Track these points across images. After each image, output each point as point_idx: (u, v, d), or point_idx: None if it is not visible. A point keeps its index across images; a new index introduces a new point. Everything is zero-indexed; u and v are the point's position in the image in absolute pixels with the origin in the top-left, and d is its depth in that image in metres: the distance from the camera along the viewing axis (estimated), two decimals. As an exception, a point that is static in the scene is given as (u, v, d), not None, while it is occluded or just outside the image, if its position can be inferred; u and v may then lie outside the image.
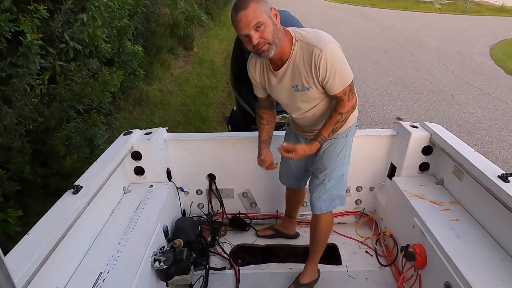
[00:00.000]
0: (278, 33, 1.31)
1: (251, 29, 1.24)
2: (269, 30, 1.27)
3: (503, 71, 7.23)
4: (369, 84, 6.31)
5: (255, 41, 1.27)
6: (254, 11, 1.22)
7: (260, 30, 1.25)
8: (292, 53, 1.38)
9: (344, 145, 1.63)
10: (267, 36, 1.27)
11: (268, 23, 1.26)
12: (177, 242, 1.81)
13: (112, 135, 3.59)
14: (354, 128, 1.69)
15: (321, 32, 1.41)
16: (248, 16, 1.22)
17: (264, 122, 1.74)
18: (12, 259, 1.13)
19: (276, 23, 1.29)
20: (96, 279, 1.37)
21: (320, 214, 1.73)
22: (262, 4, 1.25)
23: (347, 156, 1.68)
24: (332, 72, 1.34)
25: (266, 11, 1.26)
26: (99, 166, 1.69)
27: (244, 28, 1.25)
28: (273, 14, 1.29)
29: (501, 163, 3.79)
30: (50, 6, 2.72)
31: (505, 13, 16.89)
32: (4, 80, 2.38)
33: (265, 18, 1.25)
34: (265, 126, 1.74)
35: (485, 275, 1.34)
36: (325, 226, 1.77)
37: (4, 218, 2.13)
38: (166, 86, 5.43)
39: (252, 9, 1.22)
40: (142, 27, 4.98)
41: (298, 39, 1.37)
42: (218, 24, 9.65)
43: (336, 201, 1.72)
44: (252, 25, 1.24)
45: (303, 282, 1.85)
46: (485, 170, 1.53)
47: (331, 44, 1.34)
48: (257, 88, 1.64)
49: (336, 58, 1.34)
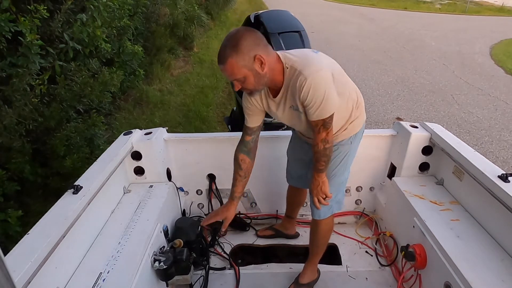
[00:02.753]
0: (263, 79, 1.29)
1: (232, 80, 1.29)
2: (250, 81, 1.28)
3: (503, 71, 7.24)
4: (369, 84, 6.32)
5: (236, 88, 1.32)
6: (232, 68, 1.23)
7: (241, 82, 1.28)
8: (285, 80, 1.36)
9: (347, 152, 1.61)
10: (247, 87, 1.31)
11: (248, 76, 1.25)
12: (177, 242, 1.81)
13: (112, 135, 3.59)
14: (361, 134, 1.64)
15: (312, 57, 1.36)
16: (226, 71, 1.25)
17: (242, 174, 1.65)
18: (12, 259, 1.13)
19: (259, 71, 1.26)
20: (96, 279, 1.37)
21: (320, 220, 1.73)
22: (242, 57, 1.21)
23: (349, 163, 1.65)
24: (310, 101, 1.30)
25: (245, 64, 1.23)
26: (99, 166, 1.69)
27: (226, 76, 1.30)
28: (257, 61, 1.24)
29: (501, 163, 3.79)
30: (50, 6, 2.73)
31: (505, 13, 16.89)
32: (4, 80, 2.38)
33: (243, 73, 1.24)
34: (242, 179, 1.66)
35: (485, 275, 1.34)
36: (325, 231, 1.77)
37: (4, 218, 2.13)
38: (166, 86, 5.43)
39: (230, 66, 1.22)
40: (142, 27, 4.98)
41: (288, 65, 1.34)
42: (218, 24, 9.66)
43: (334, 207, 1.72)
44: (232, 79, 1.28)
45: (303, 282, 1.85)
46: (485, 170, 1.53)
47: (318, 73, 1.28)
48: (251, 115, 1.55)
49: (318, 89, 1.28)
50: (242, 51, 1.21)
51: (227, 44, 1.23)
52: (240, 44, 1.21)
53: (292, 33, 2.36)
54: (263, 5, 15.21)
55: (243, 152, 1.64)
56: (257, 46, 1.24)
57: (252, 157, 1.66)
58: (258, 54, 1.23)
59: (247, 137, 1.62)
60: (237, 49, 1.21)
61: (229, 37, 1.24)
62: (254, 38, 1.24)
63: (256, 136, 1.63)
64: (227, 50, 1.22)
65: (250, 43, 1.22)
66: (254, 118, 1.56)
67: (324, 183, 1.55)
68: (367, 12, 16.04)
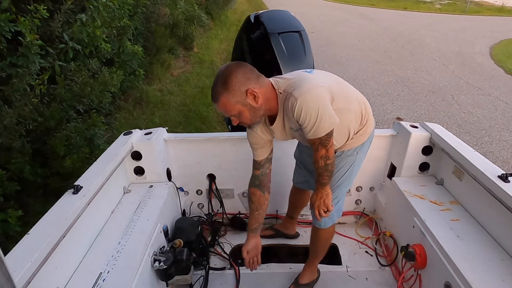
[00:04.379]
0: (258, 112, 1.30)
1: (228, 116, 1.30)
2: (245, 116, 1.29)
3: (503, 71, 7.23)
4: (369, 84, 6.32)
5: (234, 123, 1.32)
6: (225, 106, 1.24)
7: (237, 117, 1.30)
8: (279, 105, 1.35)
9: (352, 162, 1.58)
10: (244, 121, 1.32)
11: (242, 111, 1.26)
12: (177, 242, 1.81)
13: (112, 135, 3.59)
14: (368, 144, 1.60)
15: (304, 77, 1.33)
16: (221, 109, 1.27)
17: (254, 207, 1.64)
18: (12, 259, 1.13)
19: (253, 105, 1.26)
20: (96, 279, 1.37)
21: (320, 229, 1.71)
22: (233, 95, 1.22)
23: (354, 174, 1.63)
24: (304, 121, 1.27)
25: (238, 100, 1.23)
26: (99, 166, 1.69)
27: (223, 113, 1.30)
28: (250, 96, 1.24)
29: (501, 163, 3.79)
30: (50, 6, 2.73)
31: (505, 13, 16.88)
32: (4, 80, 2.38)
33: (237, 109, 1.25)
34: (254, 212, 1.65)
35: (485, 275, 1.34)
36: (325, 238, 1.77)
37: (4, 218, 2.13)
38: (166, 86, 5.43)
39: (222, 104, 1.24)
40: (142, 27, 4.98)
41: (281, 90, 1.32)
42: (218, 24, 9.65)
43: (335, 216, 1.71)
44: (227, 115, 1.29)
45: (303, 282, 1.85)
46: (485, 170, 1.53)
47: (309, 92, 1.26)
48: (258, 149, 1.54)
49: (310, 108, 1.24)
50: (233, 88, 1.21)
51: (217, 82, 1.23)
52: (230, 81, 1.21)
53: (292, 33, 2.36)
54: (263, 5, 15.21)
55: (254, 186, 1.63)
56: (248, 80, 1.23)
57: (264, 190, 1.63)
58: (249, 88, 1.23)
59: (256, 172, 1.61)
60: (227, 86, 1.21)
61: (219, 75, 1.24)
62: (244, 72, 1.23)
63: (266, 169, 1.61)
64: (218, 89, 1.22)
65: (241, 79, 1.22)
66: (260, 152, 1.55)
67: (328, 196, 1.50)
68: (367, 12, 16.03)
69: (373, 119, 1.57)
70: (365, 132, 1.54)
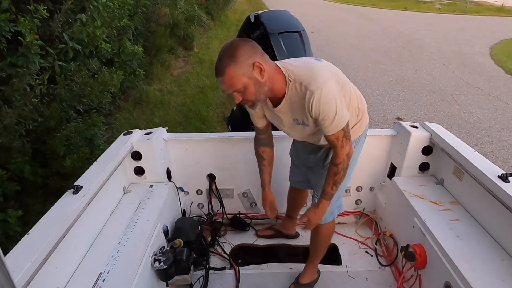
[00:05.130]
0: (263, 88, 1.26)
1: (232, 92, 1.25)
2: (250, 91, 1.24)
3: (503, 71, 7.23)
4: (369, 84, 6.32)
5: (237, 100, 1.28)
6: (231, 78, 1.20)
7: (241, 93, 1.25)
8: (287, 91, 1.32)
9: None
10: (248, 97, 1.27)
11: (248, 85, 1.22)
12: (177, 242, 1.81)
13: (112, 135, 3.59)
14: (363, 138, 1.63)
15: (315, 66, 1.32)
16: (226, 83, 1.22)
17: (266, 163, 1.71)
18: (12, 259, 1.13)
19: (259, 79, 1.23)
20: (96, 279, 1.37)
21: (321, 224, 1.71)
22: (240, 67, 1.19)
23: (351, 169, 1.61)
24: (324, 115, 1.27)
25: (245, 72, 1.20)
26: (99, 166, 1.69)
27: (226, 89, 1.26)
28: (256, 69, 1.21)
29: (501, 163, 3.79)
30: (50, 6, 2.72)
31: (505, 13, 16.88)
32: (4, 80, 2.38)
33: (243, 83, 1.21)
34: (267, 168, 1.72)
35: (485, 275, 1.34)
36: (326, 234, 1.77)
37: (4, 218, 2.13)
38: (166, 86, 5.43)
39: (228, 76, 1.19)
40: (142, 27, 4.98)
41: (292, 79, 1.30)
42: (218, 24, 9.65)
43: (335, 211, 1.72)
44: (231, 91, 1.24)
45: (303, 282, 1.85)
46: (485, 170, 1.53)
47: (325, 85, 1.25)
48: (256, 118, 1.58)
49: (328, 101, 1.25)
50: (240, 60, 1.19)
51: (223, 55, 1.20)
52: (237, 53, 1.19)
53: (292, 33, 2.35)
54: (263, 5, 15.21)
55: (261, 145, 1.68)
56: (254, 53, 1.22)
57: (271, 146, 1.71)
58: (256, 61, 1.21)
59: (260, 136, 1.67)
60: (234, 58, 1.18)
61: (224, 49, 1.22)
62: (250, 46, 1.22)
63: (269, 132, 1.66)
64: (224, 61, 1.19)
65: (247, 51, 1.20)
66: (259, 120, 1.59)
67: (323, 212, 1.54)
68: (367, 12, 16.03)
69: (367, 114, 1.60)
70: (361, 126, 1.56)
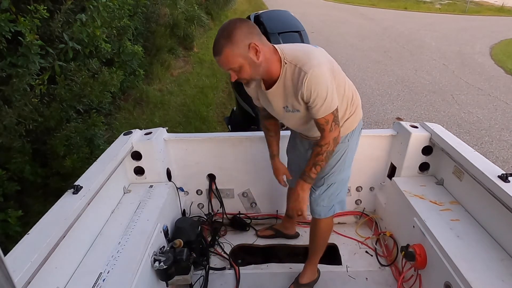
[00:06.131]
0: (258, 68, 1.29)
1: (228, 70, 1.29)
2: (245, 71, 1.27)
3: (503, 71, 7.23)
4: (369, 84, 6.32)
5: (232, 79, 1.31)
6: (227, 58, 1.23)
7: (237, 72, 1.28)
8: (281, 74, 1.34)
9: (345, 150, 1.59)
10: (243, 76, 1.30)
11: (243, 65, 1.25)
12: (177, 242, 1.81)
13: (112, 135, 3.59)
14: (358, 132, 1.64)
15: (312, 51, 1.35)
16: (222, 62, 1.25)
17: (272, 133, 1.75)
18: (12, 259, 1.13)
19: (255, 60, 1.25)
20: (96, 279, 1.37)
21: (319, 219, 1.73)
22: (237, 47, 1.21)
23: (347, 162, 1.64)
24: (315, 96, 1.29)
25: (241, 53, 1.23)
26: (99, 166, 1.69)
27: (222, 67, 1.29)
28: (252, 50, 1.24)
29: (501, 163, 3.79)
30: (50, 6, 2.72)
31: (505, 13, 16.88)
32: (4, 80, 2.38)
33: (239, 62, 1.24)
34: (274, 138, 1.76)
35: (485, 275, 1.34)
36: (324, 230, 1.77)
37: (4, 218, 2.13)
38: (166, 86, 5.43)
39: (225, 56, 1.23)
40: (142, 27, 4.98)
41: (287, 61, 1.32)
42: (218, 24, 9.65)
43: (336, 207, 1.72)
44: (228, 69, 1.27)
45: (303, 282, 1.85)
46: (485, 170, 1.53)
47: (318, 67, 1.28)
48: (255, 100, 1.61)
49: (322, 83, 1.28)
50: (237, 41, 1.21)
51: (221, 35, 1.23)
52: (234, 33, 1.21)
53: (292, 33, 2.36)
54: (263, 5, 15.21)
55: (266, 119, 1.70)
56: (250, 34, 1.24)
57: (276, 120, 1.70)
58: (252, 42, 1.23)
59: (263, 112, 1.67)
60: (231, 39, 1.21)
61: (223, 29, 1.24)
62: (247, 27, 1.24)
63: None
64: (221, 41, 1.22)
65: (244, 32, 1.22)
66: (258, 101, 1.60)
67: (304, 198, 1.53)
68: (367, 12, 16.03)
69: (361, 108, 1.62)
70: (354, 120, 1.57)
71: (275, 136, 1.76)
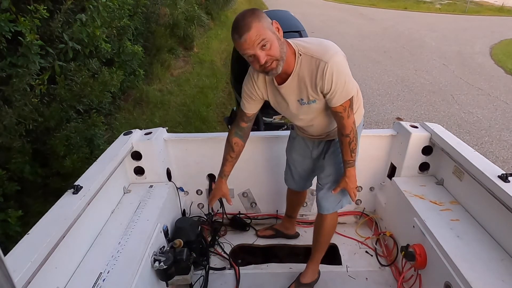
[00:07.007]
0: (284, 47, 1.26)
1: (257, 48, 1.20)
2: (275, 46, 1.22)
3: (503, 71, 7.23)
4: (369, 84, 6.32)
5: (262, 60, 1.22)
6: (258, 30, 1.17)
7: (266, 48, 1.21)
8: (296, 66, 1.34)
9: None
10: (274, 53, 1.23)
11: (273, 39, 1.21)
12: (177, 242, 1.81)
13: (112, 135, 3.59)
14: (360, 128, 1.67)
15: (325, 42, 1.36)
16: (252, 36, 1.17)
17: (234, 155, 1.65)
18: (12, 259, 1.13)
19: (279, 37, 1.25)
20: (96, 279, 1.37)
21: (326, 215, 1.73)
22: (264, 21, 1.20)
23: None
24: (336, 85, 1.31)
25: (269, 27, 1.21)
26: (99, 166, 1.69)
27: (249, 48, 1.20)
28: (275, 28, 1.24)
29: (501, 163, 3.79)
30: (50, 6, 2.72)
31: (505, 13, 16.87)
32: (4, 80, 2.38)
33: (269, 35, 1.20)
34: (233, 159, 1.66)
35: (485, 275, 1.34)
36: (329, 226, 1.78)
37: (4, 218, 2.13)
38: (166, 86, 5.43)
39: (256, 29, 1.17)
40: (142, 27, 4.98)
41: (302, 53, 1.32)
42: (218, 24, 9.65)
43: (344, 201, 1.72)
44: (257, 44, 1.19)
45: (304, 281, 1.85)
46: (485, 170, 1.53)
47: (336, 56, 1.30)
48: (250, 103, 1.53)
49: (342, 71, 1.31)
50: (263, 16, 1.21)
51: (245, 16, 1.20)
52: (257, 12, 1.22)
53: (292, 33, 2.36)
54: (263, 5, 15.22)
55: (237, 136, 1.63)
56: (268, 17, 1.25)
57: (245, 140, 1.66)
58: (274, 21, 1.25)
59: (243, 124, 1.61)
60: (257, 15, 1.20)
61: (242, 14, 1.22)
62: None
63: (251, 123, 1.63)
64: (247, 19, 1.18)
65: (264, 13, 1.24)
66: (252, 105, 1.55)
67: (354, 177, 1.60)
68: (367, 12, 16.04)
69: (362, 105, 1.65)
70: (358, 116, 1.60)
71: (235, 158, 1.67)
